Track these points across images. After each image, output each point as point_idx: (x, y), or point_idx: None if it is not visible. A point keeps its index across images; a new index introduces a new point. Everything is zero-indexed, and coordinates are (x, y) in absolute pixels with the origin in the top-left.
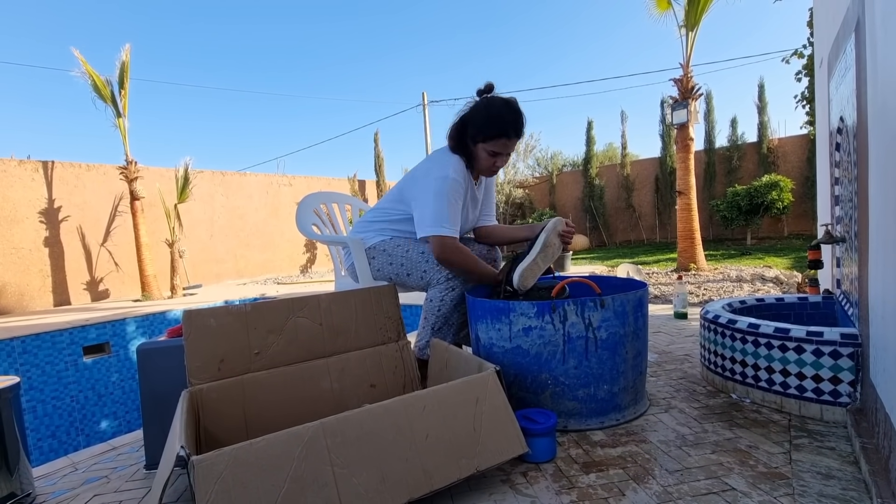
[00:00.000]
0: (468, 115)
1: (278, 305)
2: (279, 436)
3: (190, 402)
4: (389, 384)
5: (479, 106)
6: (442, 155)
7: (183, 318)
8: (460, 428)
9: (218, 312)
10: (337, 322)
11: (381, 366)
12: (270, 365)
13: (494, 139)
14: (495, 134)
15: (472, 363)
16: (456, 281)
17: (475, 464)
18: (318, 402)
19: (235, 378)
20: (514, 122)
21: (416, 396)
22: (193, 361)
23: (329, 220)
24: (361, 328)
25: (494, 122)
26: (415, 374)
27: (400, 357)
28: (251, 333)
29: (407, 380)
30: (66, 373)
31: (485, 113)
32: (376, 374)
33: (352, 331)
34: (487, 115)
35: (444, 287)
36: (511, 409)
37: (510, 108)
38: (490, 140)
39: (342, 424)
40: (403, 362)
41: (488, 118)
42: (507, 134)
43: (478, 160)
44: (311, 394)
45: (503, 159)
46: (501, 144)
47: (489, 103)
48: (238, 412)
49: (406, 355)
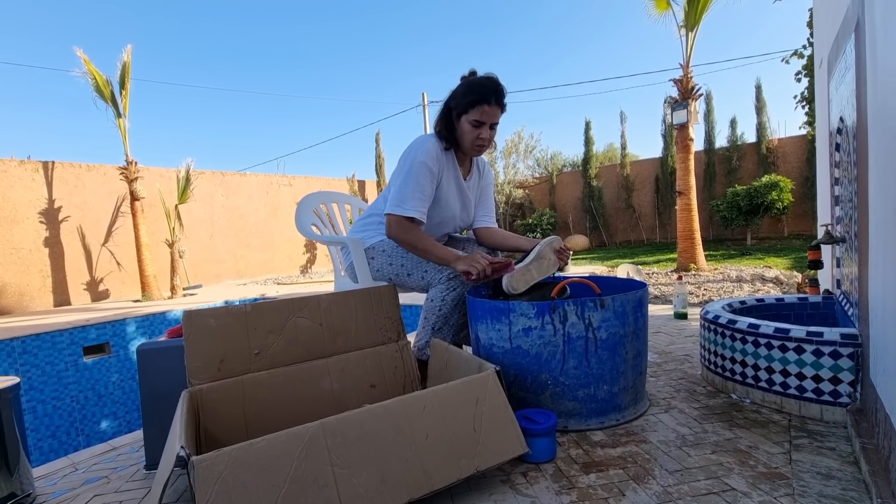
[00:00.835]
0: (451, 95)
1: (278, 306)
2: (279, 436)
3: (190, 403)
4: (389, 384)
5: (460, 83)
6: (417, 141)
7: (183, 318)
8: (460, 428)
9: (218, 313)
10: (337, 322)
11: (381, 366)
12: (270, 365)
13: (475, 106)
14: (475, 100)
15: (473, 363)
16: (456, 281)
17: (475, 464)
18: (318, 402)
19: (235, 378)
20: (495, 89)
21: (416, 396)
22: (193, 361)
23: (329, 220)
24: (361, 328)
25: (474, 90)
26: (415, 375)
27: (400, 357)
28: (251, 334)
29: (407, 380)
30: (66, 373)
31: (465, 86)
32: (376, 374)
33: (352, 331)
34: (468, 85)
35: (444, 287)
36: (511, 409)
37: (489, 78)
38: (471, 108)
39: (342, 424)
40: (403, 362)
41: (468, 88)
42: (487, 99)
43: (462, 137)
44: (311, 394)
45: (487, 131)
46: (482, 112)
47: (469, 79)
48: (238, 412)
49: (406, 355)
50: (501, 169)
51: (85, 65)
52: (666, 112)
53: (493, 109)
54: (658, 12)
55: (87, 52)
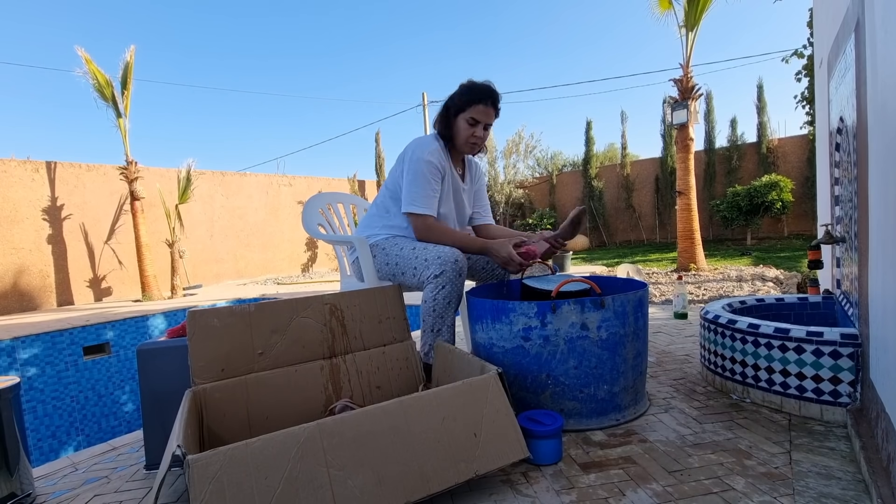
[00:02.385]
0: (450, 97)
1: (282, 306)
2: (275, 436)
3: (193, 402)
4: (395, 386)
5: (459, 87)
6: (419, 140)
7: (187, 317)
8: (460, 431)
9: (221, 312)
10: (341, 322)
11: (387, 367)
12: (274, 365)
13: (472, 105)
14: (473, 100)
15: (475, 365)
16: (445, 278)
17: (474, 468)
18: (321, 403)
19: (239, 378)
20: (490, 92)
21: (415, 398)
22: (197, 361)
23: (335, 220)
24: (366, 329)
25: (472, 91)
26: (420, 376)
27: (405, 358)
28: (255, 333)
29: (412, 381)
30: (66, 373)
31: (464, 88)
32: (381, 375)
33: (356, 331)
34: (467, 87)
35: (433, 285)
36: (513, 412)
37: (486, 84)
38: (468, 107)
39: (339, 426)
40: (408, 363)
41: (467, 89)
42: (483, 100)
43: (458, 134)
44: (315, 395)
45: (481, 131)
46: (479, 111)
47: (469, 83)
48: (241, 412)
49: (411, 356)
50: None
51: (86, 64)
52: (666, 112)
53: (488, 110)
54: (661, 11)
55: (88, 51)
